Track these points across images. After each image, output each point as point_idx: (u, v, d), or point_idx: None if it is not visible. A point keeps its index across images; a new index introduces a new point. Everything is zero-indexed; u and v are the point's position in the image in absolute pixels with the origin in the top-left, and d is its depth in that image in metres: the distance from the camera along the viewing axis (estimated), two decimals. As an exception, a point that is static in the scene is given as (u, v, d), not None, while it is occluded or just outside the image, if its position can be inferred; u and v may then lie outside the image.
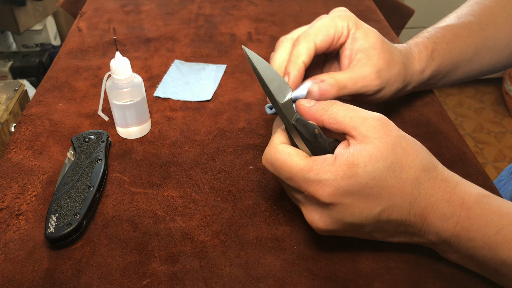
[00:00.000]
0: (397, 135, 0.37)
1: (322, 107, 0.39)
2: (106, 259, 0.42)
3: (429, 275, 0.41)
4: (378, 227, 0.38)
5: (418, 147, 0.38)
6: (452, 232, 0.36)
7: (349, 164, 0.36)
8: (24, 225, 0.46)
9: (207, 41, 0.76)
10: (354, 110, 0.38)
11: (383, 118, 0.38)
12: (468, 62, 0.56)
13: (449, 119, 0.59)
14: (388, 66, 0.47)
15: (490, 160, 1.79)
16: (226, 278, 0.41)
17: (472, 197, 0.36)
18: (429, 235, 0.37)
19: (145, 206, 0.48)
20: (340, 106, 0.38)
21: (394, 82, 0.49)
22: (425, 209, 0.36)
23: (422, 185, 0.36)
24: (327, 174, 0.36)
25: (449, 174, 0.38)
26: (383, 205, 0.36)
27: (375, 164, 0.35)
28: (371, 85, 0.46)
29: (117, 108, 0.54)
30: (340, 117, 0.38)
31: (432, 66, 0.53)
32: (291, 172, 0.37)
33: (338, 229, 0.38)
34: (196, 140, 0.56)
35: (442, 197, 0.36)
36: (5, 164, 0.52)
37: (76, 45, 0.75)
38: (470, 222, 0.36)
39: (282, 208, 0.47)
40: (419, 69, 0.52)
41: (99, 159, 0.50)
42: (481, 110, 2.06)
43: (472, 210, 0.36)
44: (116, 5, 0.88)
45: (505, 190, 0.67)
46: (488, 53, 0.56)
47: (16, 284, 0.40)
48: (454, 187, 0.37)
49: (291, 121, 0.39)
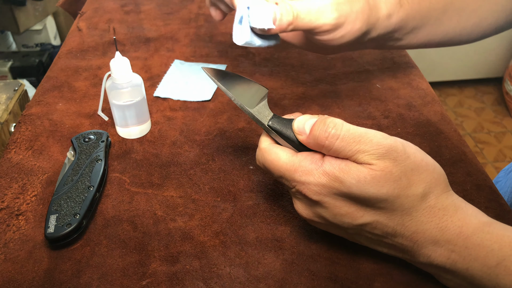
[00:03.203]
0: (410, 162, 0.34)
1: (325, 144, 0.35)
2: (106, 259, 0.42)
3: (429, 275, 0.41)
4: (362, 235, 0.38)
5: (425, 175, 0.35)
6: (447, 258, 0.35)
7: (334, 177, 0.35)
8: (24, 225, 0.46)
9: (207, 41, 0.76)
10: (361, 142, 0.34)
11: (396, 145, 0.35)
12: (436, 21, 0.53)
13: (449, 119, 0.59)
14: (348, 1, 0.43)
15: (490, 160, 1.79)
16: (226, 278, 0.41)
17: (471, 226, 0.34)
18: (420, 257, 0.36)
19: (145, 206, 0.48)
20: (341, 141, 0.35)
21: (355, 20, 0.44)
22: (415, 233, 0.35)
23: (415, 212, 0.35)
24: (312, 177, 0.35)
25: (451, 202, 0.36)
26: (366, 218, 0.36)
27: (363, 189, 0.34)
28: (327, 17, 0.43)
29: (117, 108, 0.54)
30: (344, 153, 0.35)
31: (400, 14, 0.49)
32: (280, 172, 0.37)
33: (320, 223, 0.39)
34: (196, 140, 0.56)
35: (436, 225, 0.35)
36: (5, 164, 0.52)
37: (76, 45, 0.75)
38: (468, 252, 0.34)
39: (282, 208, 0.47)
40: (385, 13, 0.48)
41: (99, 159, 0.50)
42: (481, 110, 2.06)
43: (470, 240, 0.34)
44: (116, 5, 0.88)
45: (502, 190, 0.67)
46: (456, 16, 0.54)
47: (16, 284, 0.40)
48: (452, 215, 0.35)
49: (266, 123, 0.39)
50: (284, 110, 0.61)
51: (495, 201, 0.48)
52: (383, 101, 0.62)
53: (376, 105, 0.61)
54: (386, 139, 0.34)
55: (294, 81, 0.66)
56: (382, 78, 0.67)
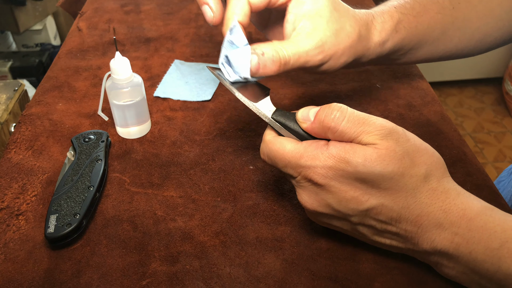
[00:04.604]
0: (411, 144, 0.36)
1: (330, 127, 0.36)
2: (106, 259, 0.42)
3: (429, 275, 0.41)
4: (366, 225, 0.38)
5: (426, 158, 0.36)
6: (451, 242, 0.35)
7: (340, 158, 0.35)
8: (24, 225, 0.46)
9: (207, 41, 0.76)
10: (364, 124, 0.36)
11: (397, 128, 0.36)
12: (434, 41, 0.53)
13: (449, 119, 0.59)
14: (335, 39, 0.43)
15: (490, 160, 1.79)
16: (226, 278, 0.41)
17: (474, 209, 0.35)
18: (424, 243, 0.36)
19: (145, 206, 0.48)
20: (347, 122, 0.36)
21: (341, 56, 0.45)
22: (420, 216, 0.36)
23: (419, 194, 0.35)
24: (318, 161, 0.36)
25: (452, 186, 0.37)
26: (372, 202, 0.36)
27: (369, 167, 0.34)
28: (313, 60, 0.43)
29: (117, 108, 0.54)
30: (349, 136, 0.36)
31: (395, 39, 0.49)
32: (285, 160, 0.38)
33: (323, 214, 0.39)
34: (196, 140, 0.56)
35: (440, 208, 0.35)
36: (5, 164, 0.52)
37: (76, 45, 0.75)
38: (472, 234, 0.34)
39: (282, 208, 0.47)
40: (378, 41, 0.48)
41: (99, 159, 0.50)
42: (481, 110, 2.06)
43: (473, 222, 0.34)
44: (116, 5, 0.88)
45: (505, 190, 0.67)
46: (457, 35, 0.53)
47: (16, 284, 0.40)
48: (455, 198, 0.36)
49: (269, 116, 0.40)
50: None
51: (495, 201, 0.48)
52: (383, 101, 0.62)
53: (376, 105, 0.61)
54: (388, 122, 0.36)
55: (294, 81, 0.66)
56: (382, 78, 0.67)
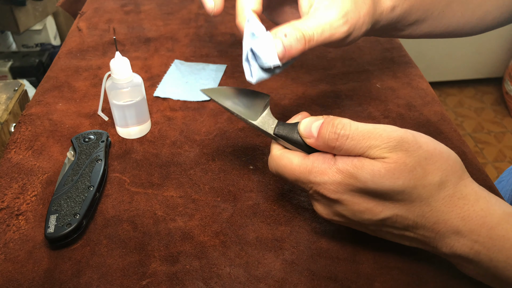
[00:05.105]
0: (423, 151, 0.34)
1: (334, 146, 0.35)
2: (106, 259, 0.42)
3: (429, 275, 0.41)
4: (383, 230, 0.38)
5: (440, 164, 0.35)
6: (470, 249, 0.34)
7: (348, 174, 0.35)
8: (24, 225, 0.46)
9: (207, 41, 0.76)
10: (370, 138, 0.35)
11: (407, 136, 0.35)
12: (439, 14, 0.52)
13: (449, 119, 0.59)
14: (355, 7, 0.41)
15: (490, 160, 1.79)
16: (226, 278, 0.41)
17: (495, 216, 0.34)
18: (442, 248, 0.35)
19: (145, 206, 0.48)
20: (351, 141, 0.35)
21: (362, 25, 0.43)
22: (436, 223, 0.35)
23: (435, 202, 0.34)
24: (327, 176, 0.36)
25: (470, 190, 0.35)
26: (386, 213, 0.35)
27: (378, 183, 0.34)
28: (339, 32, 0.41)
29: (117, 108, 0.54)
30: (355, 151, 0.35)
31: (405, 5, 0.48)
32: (294, 175, 0.37)
33: (341, 222, 0.39)
34: (196, 140, 0.56)
35: (458, 215, 0.34)
36: (5, 164, 0.52)
37: (76, 45, 0.75)
38: (493, 243, 0.33)
39: (282, 208, 0.47)
40: (390, 6, 0.47)
41: (99, 159, 0.50)
42: (481, 110, 2.06)
43: (494, 231, 0.33)
44: (116, 5, 0.88)
45: (505, 190, 0.67)
46: (460, 9, 0.53)
47: (16, 284, 0.40)
48: (474, 204, 0.34)
49: (272, 132, 0.39)
50: (284, 110, 0.61)
51: (495, 201, 0.48)
52: (383, 101, 0.62)
53: (376, 105, 0.61)
54: (396, 131, 0.35)
55: (294, 81, 0.66)
56: (382, 78, 0.67)
